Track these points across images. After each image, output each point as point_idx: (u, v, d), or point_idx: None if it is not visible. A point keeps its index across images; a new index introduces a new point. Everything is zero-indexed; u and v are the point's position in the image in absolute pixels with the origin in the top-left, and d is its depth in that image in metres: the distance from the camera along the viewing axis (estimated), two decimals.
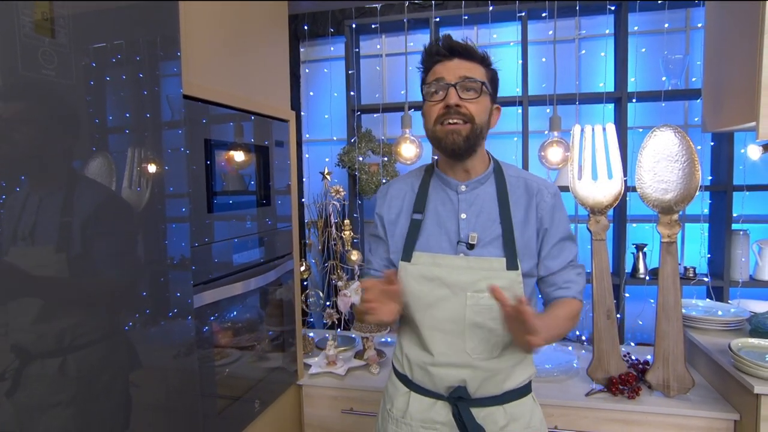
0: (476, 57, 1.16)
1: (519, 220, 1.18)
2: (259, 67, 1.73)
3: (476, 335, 1.13)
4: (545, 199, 1.20)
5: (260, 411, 1.67)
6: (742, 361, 1.49)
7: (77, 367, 0.91)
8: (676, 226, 1.72)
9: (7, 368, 0.79)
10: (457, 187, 1.20)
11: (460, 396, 1.14)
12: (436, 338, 1.15)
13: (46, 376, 0.86)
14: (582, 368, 1.86)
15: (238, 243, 1.55)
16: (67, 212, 0.88)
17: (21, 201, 0.79)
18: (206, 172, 1.39)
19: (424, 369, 1.16)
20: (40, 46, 0.79)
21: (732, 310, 1.96)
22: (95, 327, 0.96)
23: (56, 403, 0.88)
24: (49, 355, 0.86)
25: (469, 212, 1.18)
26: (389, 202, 1.28)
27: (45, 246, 0.84)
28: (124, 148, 1.03)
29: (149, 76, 1.09)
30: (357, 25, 2.56)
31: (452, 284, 1.14)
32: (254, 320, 1.71)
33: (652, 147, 1.75)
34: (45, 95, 0.83)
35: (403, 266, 1.18)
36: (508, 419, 1.16)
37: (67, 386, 0.90)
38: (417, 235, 1.20)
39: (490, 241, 1.15)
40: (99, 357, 0.97)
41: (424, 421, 1.17)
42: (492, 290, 0.98)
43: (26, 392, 0.82)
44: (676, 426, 1.61)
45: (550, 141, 2.18)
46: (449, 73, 1.13)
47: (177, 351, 1.20)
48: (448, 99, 1.11)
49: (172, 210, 1.18)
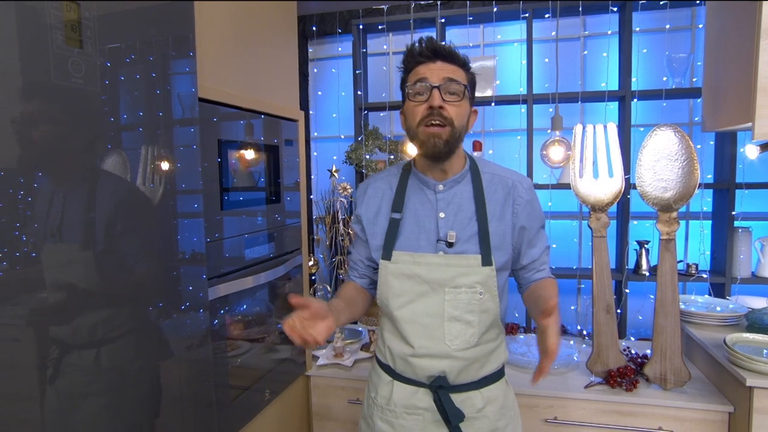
0: (458, 61, 1.18)
1: (495, 216, 1.23)
2: (269, 68, 1.79)
3: (454, 328, 1.20)
4: (521, 194, 1.25)
5: (270, 400, 1.74)
6: (736, 355, 1.54)
7: (109, 358, 0.99)
8: (674, 224, 1.76)
9: (49, 358, 0.86)
10: (435, 187, 1.24)
11: (441, 384, 1.21)
12: (416, 331, 1.21)
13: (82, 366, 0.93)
14: (582, 362, 1.90)
15: (249, 238, 1.61)
16: (92, 209, 0.94)
17: (48, 199, 0.86)
18: (219, 170, 1.45)
19: (406, 360, 1.23)
20: (70, 57, 0.86)
21: (730, 306, 2.00)
22: (123, 320, 1.03)
23: (91, 393, 0.96)
24: (84, 347, 0.93)
25: (447, 211, 1.23)
26: (368, 201, 1.31)
27: (72, 243, 0.91)
28: (138, 145, 1.08)
29: (162, 75, 1.14)
30: (364, 25, 2.60)
31: (431, 281, 1.20)
32: (264, 313, 1.78)
33: (652, 146, 1.79)
34: (74, 101, 0.89)
35: (384, 264, 1.24)
36: (485, 402, 1.24)
37: (101, 376, 0.97)
38: (396, 235, 1.24)
39: (467, 238, 1.21)
40: (129, 349, 1.05)
41: (407, 407, 1.24)
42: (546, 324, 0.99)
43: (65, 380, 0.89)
44: (671, 418, 1.66)
45: (552, 140, 2.22)
46: (433, 75, 1.15)
47: (191, 342, 1.26)
48: (432, 100, 1.14)
49: (185, 206, 1.24)
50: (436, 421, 1.22)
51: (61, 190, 0.88)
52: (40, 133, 0.82)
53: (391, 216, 1.26)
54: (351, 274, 1.39)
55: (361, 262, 1.36)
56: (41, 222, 0.84)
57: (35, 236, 0.83)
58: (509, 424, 1.28)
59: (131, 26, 1.03)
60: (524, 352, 2.04)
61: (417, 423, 1.23)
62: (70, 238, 0.90)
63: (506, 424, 1.27)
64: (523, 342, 2.16)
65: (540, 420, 1.76)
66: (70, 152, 0.90)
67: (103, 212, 0.96)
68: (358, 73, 2.61)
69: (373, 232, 1.29)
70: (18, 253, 0.80)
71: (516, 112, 2.47)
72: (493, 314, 1.22)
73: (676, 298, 1.73)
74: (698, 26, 2.47)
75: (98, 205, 0.95)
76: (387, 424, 1.26)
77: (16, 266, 0.80)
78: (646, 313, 2.42)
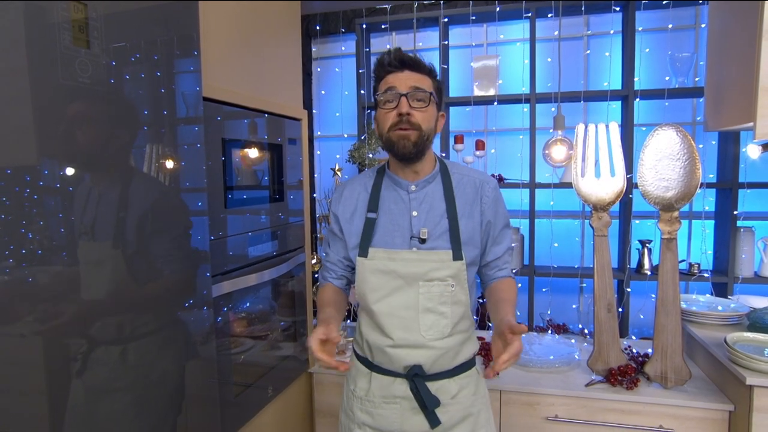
0: (424, 69, 1.27)
1: (464, 213, 1.30)
2: (273, 68, 1.80)
3: (428, 319, 1.26)
4: (488, 193, 1.34)
5: (273, 396, 1.75)
6: (736, 354, 1.54)
7: (135, 356, 1.03)
8: (676, 223, 1.76)
9: (78, 351, 0.90)
10: (407, 187, 1.32)
11: (416, 373, 1.26)
12: (393, 323, 1.27)
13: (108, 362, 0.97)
14: (583, 360, 1.91)
15: (252, 236, 1.62)
16: (122, 207, 0.98)
17: (83, 198, 0.89)
18: (223, 168, 1.47)
19: (384, 351, 1.28)
20: (77, 57, 0.87)
21: (732, 305, 2.01)
22: (147, 320, 1.07)
23: (117, 389, 1.00)
24: (110, 343, 0.97)
25: (419, 209, 1.30)
26: (344, 202, 1.38)
27: (104, 241, 0.95)
28: (143, 143, 1.10)
29: (167, 74, 1.16)
30: (367, 24, 2.62)
31: (406, 275, 1.26)
32: (267, 311, 1.79)
33: (654, 145, 1.79)
34: (81, 100, 0.90)
35: (361, 261, 1.30)
36: (459, 389, 1.30)
37: (127, 373, 1.01)
38: (372, 233, 1.31)
39: (439, 234, 1.28)
40: (151, 348, 1.09)
41: (385, 397, 1.30)
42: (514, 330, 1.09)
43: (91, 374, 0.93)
44: (672, 416, 1.66)
45: (554, 139, 2.22)
46: (401, 84, 1.24)
47: (196, 339, 1.28)
48: (400, 107, 1.22)
49: (189, 205, 1.26)
50: (413, 408, 1.28)
51: (86, 189, 0.90)
52: (49, 132, 0.84)
53: (367, 216, 1.33)
54: (328, 276, 1.44)
55: (340, 263, 1.41)
56: (46, 220, 0.86)
57: (22, 237, 0.85)
58: (481, 409, 1.34)
59: (137, 26, 1.05)
60: (525, 350, 2.04)
61: (395, 411, 1.29)
62: (101, 237, 0.91)
63: (479, 409, 1.33)
64: (526, 340, 2.17)
65: (541, 418, 1.77)
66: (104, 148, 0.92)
67: (131, 212, 0.99)
68: (361, 72, 2.62)
69: (349, 231, 1.35)
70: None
71: (519, 112, 2.48)
72: (464, 306, 1.30)
73: (677, 297, 1.74)
74: (701, 25, 2.47)
75: (131, 203, 0.99)
76: (367, 414, 1.32)
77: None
78: (647, 312, 2.42)
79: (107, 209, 0.94)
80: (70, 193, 0.88)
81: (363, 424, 1.32)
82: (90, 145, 0.91)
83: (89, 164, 0.93)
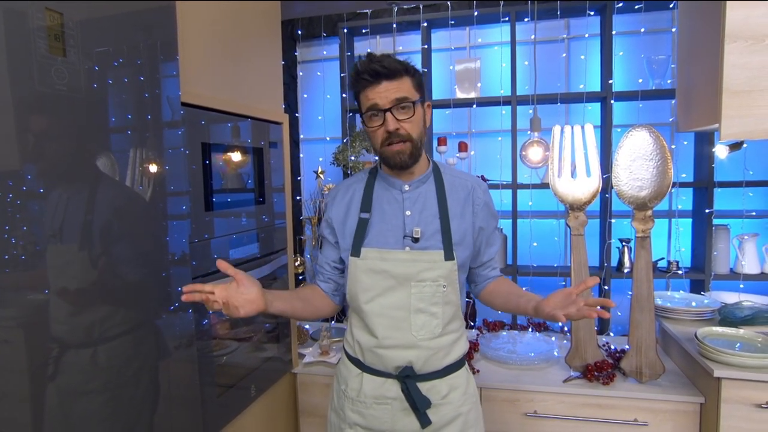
0: (399, 73, 1.22)
1: (456, 214, 1.32)
2: (253, 73, 1.82)
3: (420, 319, 1.28)
4: (479, 195, 1.36)
5: (256, 397, 1.77)
6: (705, 347, 1.59)
7: (107, 357, 1.04)
8: (650, 222, 1.81)
9: (49, 356, 0.91)
10: (401, 187, 1.33)
11: (408, 374, 1.28)
12: (384, 324, 1.29)
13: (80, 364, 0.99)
14: (562, 357, 1.95)
15: (235, 239, 1.64)
16: (89, 211, 0.99)
17: (52, 203, 0.90)
18: (204, 172, 1.49)
19: (374, 352, 1.30)
20: (53, 65, 0.89)
21: (705, 301, 2.06)
22: (119, 321, 1.08)
23: (90, 390, 1.01)
24: (82, 345, 0.98)
25: (413, 209, 1.32)
26: (337, 205, 1.40)
27: (71, 244, 0.95)
28: (127, 148, 1.12)
29: (149, 78, 1.18)
30: (349, 28, 2.65)
31: (398, 275, 1.28)
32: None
33: (628, 146, 1.84)
34: (57, 107, 0.93)
35: (353, 261, 1.31)
36: (449, 389, 1.32)
37: (98, 375, 1.02)
38: (365, 233, 1.32)
39: (432, 234, 1.29)
40: (122, 349, 1.09)
41: (376, 398, 1.31)
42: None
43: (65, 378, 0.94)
44: (646, 409, 1.71)
45: (531, 141, 2.27)
46: (381, 99, 1.21)
47: (179, 342, 1.30)
48: (387, 125, 1.22)
49: (173, 208, 1.28)
50: (404, 409, 1.30)
51: (56, 193, 0.92)
52: (30, 140, 0.86)
53: (360, 216, 1.34)
54: (317, 278, 1.47)
55: (328, 265, 1.43)
56: (40, 225, 0.88)
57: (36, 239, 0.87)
58: (471, 409, 1.36)
59: (113, 32, 1.06)
60: (507, 348, 2.08)
61: (386, 412, 1.30)
62: (68, 240, 0.93)
63: (469, 409, 1.35)
64: (507, 338, 2.20)
65: (521, 414, 1.81)
66: (63, 157, 0.94)
67: (98, 216, 1.00)
68: (344, 75, 2.65)
69: (342, 232, 1.37)
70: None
71: (498, 114, 2.52)
72: (455, 306, 1.32)
73: (651, 293, 1.78)
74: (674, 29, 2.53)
75: (96, 208, 1.00)
76: (358, 415, 1.33)
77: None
78: (626, 310, 2.47)
79: (78, 212, 0.96)
80: (41, 195, 0.89)
81: (354, 424, 1.33)
82: (63, 152, 0.93)
83: (64, 170, 0.95)
